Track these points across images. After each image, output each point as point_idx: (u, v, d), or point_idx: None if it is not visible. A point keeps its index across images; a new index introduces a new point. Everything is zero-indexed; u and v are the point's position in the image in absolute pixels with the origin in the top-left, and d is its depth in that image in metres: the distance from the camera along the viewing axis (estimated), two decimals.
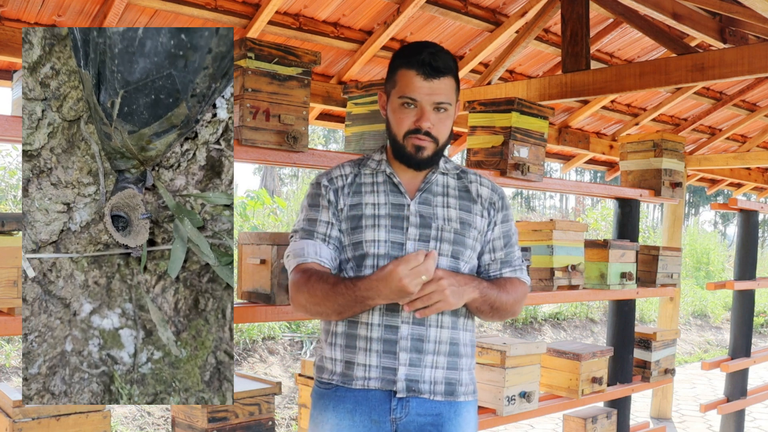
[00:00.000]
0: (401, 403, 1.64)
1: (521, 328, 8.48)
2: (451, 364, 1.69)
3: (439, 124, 1.65)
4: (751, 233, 4.58)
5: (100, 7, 3.01)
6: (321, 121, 4.41)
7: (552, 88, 3.54)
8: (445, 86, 1.63)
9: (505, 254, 1.78)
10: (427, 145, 1.65)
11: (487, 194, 1.77)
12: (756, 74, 3.01)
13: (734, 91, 5.62)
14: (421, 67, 1.61)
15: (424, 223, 1.67)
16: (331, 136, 31.25)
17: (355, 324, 1.66)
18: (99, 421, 1.86)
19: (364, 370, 1.65)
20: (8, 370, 4.92)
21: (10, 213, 1.72)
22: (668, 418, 5.91)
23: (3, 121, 1.71)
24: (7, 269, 1.70)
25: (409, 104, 1.64)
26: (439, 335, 1.67)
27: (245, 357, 5.98)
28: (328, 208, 1.69)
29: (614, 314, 3.64)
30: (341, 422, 1.66)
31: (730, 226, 37.39)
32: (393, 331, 1.64)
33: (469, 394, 1.73)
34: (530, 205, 37.01)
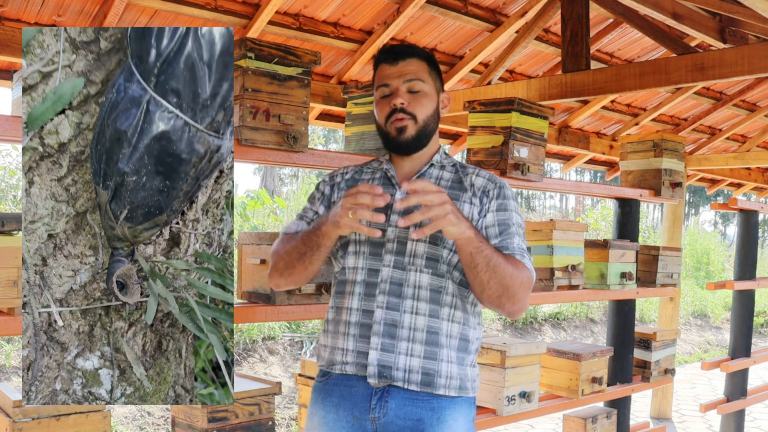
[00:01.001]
0: (380, 402, 1.62)
1: (521, 328, 8.48)
2: (428, 354, 1.63)
3: (414, 101, 1.70)
4: (751, 233, 4.59)
5: (100, 7, 3.01)
6: (321, 121, 4.42)
7: (552, 88, 3.54)
8: (414, 67, 1.72)
9: (501, 241, 1.67)
10: (406, 123, 1.69)
11: (481, 183, 1.74)
12: (756, 74, 3.01)
13: (734, 91, 5.62)
14: (387, 55, 1.74)
15: (407, 210, 1.66)
16: (331, 136, 31.25)
17: (340, 310, 1.70)
18: (99, 421, 1.86)
19: (342, 354, 1.67)
20: (8, 370, 4.92)
21: (10, 213, 1.72)
22: (668, 418, 5.91)
23: (3, 121, 1.71)
24: (7, 269, 1.70)
25: (385, 95, 1.72)
26: (414, 322, 1.63)
27: (245, 357, 5.98)
28: (321, 200, 1.81)
29: (614, 314, 3.64)
30: (327, 416, 1.68)
31: (730, 226, 37.38)
32: (368, 316, 1.65)
33: (451, 389, 1.64)
34: (530, 205, 37.01)
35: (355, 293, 1.68)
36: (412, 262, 1.66)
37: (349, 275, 1.70)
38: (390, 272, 1.66)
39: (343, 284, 1.72)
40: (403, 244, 1.66)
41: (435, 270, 1.66)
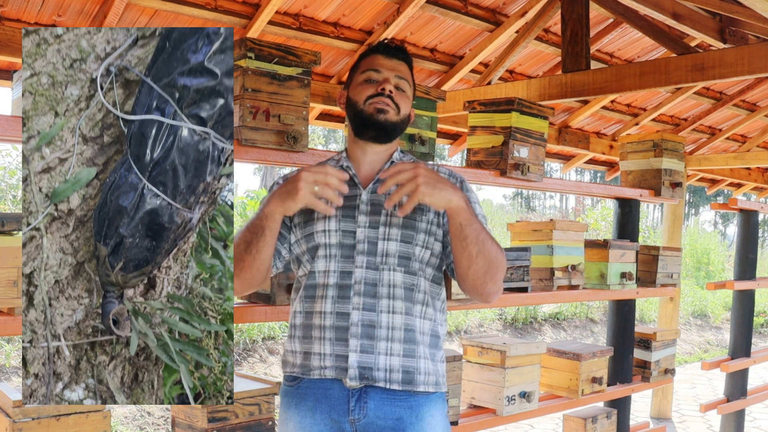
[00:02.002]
0: (358, 403, 1.62)
1: (521, 328, 8.48)
2: (407, 352, 1.64)
3: (399, 97, 1.72)
4: (751, 233, 4.59)
5: (100, 7, 3.01)
6: (321, 121, 4.42)
7: (552, 88, 3.54)
8: (405, 69, 1.75)
9: None
10: (388, 108, 1.70)
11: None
12: (756, 74, 3.01)
13: (734, 91, 5.62)
14: (384, 48, 1.75)
15: (374, 210, 1.67)
16: (331, 136, 31.26)
17: (310, 315, 1.67)
18: (99, 421, 1.86)
19: (319, 359, 1.65)
20: (8, 370, 4.92)
21: (10, 213, 1.72)
22: (668, 418, 5.91)
23: (3, 121, 1.71)
24: (7, 269, 1.70)
25: (371, 80, 1.72)
26: (392, 321, 1.63)
27: (245, 357, 5.98)
28: None
29: (614, 314, 3.64)
30: (303, 420, 1.66)
31: (730, 226, 37.40)
32: (344, 318, 1.63)
33: (429, 385, 1.67)
34: (530, 205, 37.02)
35: (327, 296, 1.65)
36: (385, 261, 1.65)
37: (319, 279, 1.68)
38: (363, 273, 1.65)
39: (313, 288, 1.68)
40: (374, 244, 1.66)
41: (407, 268, 1.67)
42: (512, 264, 2.85)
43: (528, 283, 2.93)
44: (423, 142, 2.55)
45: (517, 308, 8.54)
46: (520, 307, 8.56)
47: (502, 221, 14.44)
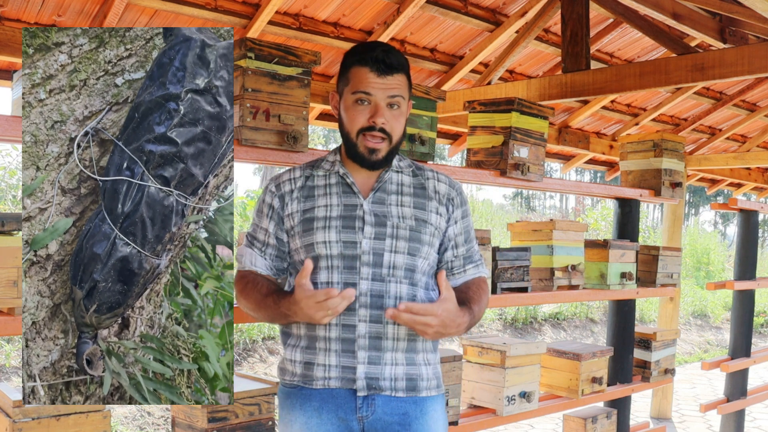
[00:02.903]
0: (366, 401, 1.64)
1: (521, 328, 8.48)
2: (409, 360, 1.68)
3: (393, 120, 1.66)
4: (751, 233, 4.58)
5: (100, 7, 3.00)
6: (321, 121, 4.41)
7: (552, 88, 3.54)
8: (398, 82, 1.65)
9: (467, 250, 1.79)
10: (380, 146, 1.66)
11: (445, 190, 1.77)
12: (756, 74, 3.01)
13: (734, 91, 5.62)
14: (375, 64, 1.63)
15: (379, 221, 1.67)
16: (331, 136, 31.25)
17: (313, 326, 1.66)
18: (99, 421, 1.86)
19: (324, 370, 1.66)
20: (8, 370, 4.92)
21: (10, 213, 1.72)
22: (668, 418, 5.91)
23: (3, 121, 1.71)
24: (7, 269, 1.70)
25: (362, 101, 1.65)
26: (397, 332, 1.65)
27: (245, 357, 5.98)
28: (270, 216, 1.75)
29: (614, 314, 3.64)
30: (309, 420, 1.66)
31: (730, 226, 37.39)
32: (351, 330, 1.64)
33: (432, 389, 1.72)
34: (530, 205, 37.01)
35: None
36: (392, 274, 1.66)
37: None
38: (369, 285, 1.64)
39: None
40: (380, 256, 1.65)
41: (411, 280, 1.68)
42: (512, 264, 2.86)
43: (528, 283, 2.93)
44: (423, 142, 2.55)
45: (517, 308, 8.54)
46: (520, 307, 8.56)
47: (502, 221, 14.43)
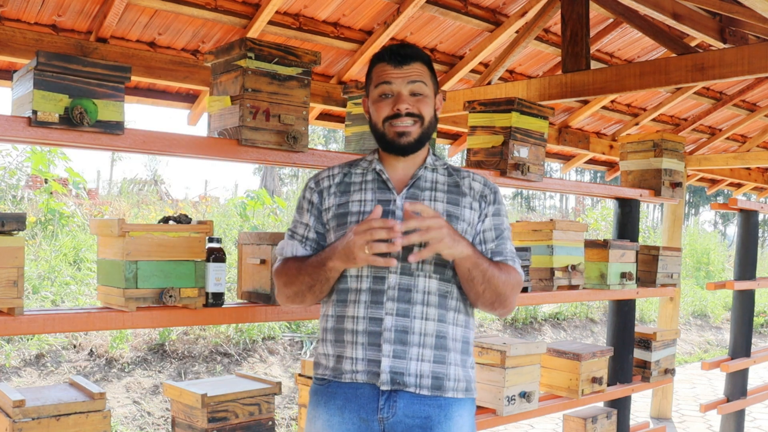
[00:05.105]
0: (388, 402, 1.64)
1: (521, 328, 8.48)
2: (438, 358, 1.67)
3: (419, 104, 1.71)
4: (751, 233, 4.58)
5: (100, 7, 3.00)
6: (321, 121, 4.41)
7: (552, 88, 3.54)
8: (417, 70, 1.71)
9: (497, 245, 1.77)
10: (411, 129, 1.70)
11: (479, 188, 1.78)
12: (756, 74, 3.01)
13: (734, 91, 5.62)
14: (391, 56, 1.71)
15: (411, 216, 1.68)
16: (331, 136, 31.25)
17: (342, 318, 1.69)
18: (99, 421, 1.86)
19: (351, 363, 1.67)
20: (8, 370, 4.92)
21: (10, 213, 1.73)
22: (668, 418, 5.91)
23: (3, 121, 1.71)
24: (7, 269, 1.70)
25: (386, 94, 1.71)
26: (425, 327, 1.65)
27: (245, 357, 5.98)
28: (310, 211, 1.79)
29: (614, 314, 3.64)
30: (332, 418, 1.68)
31: (730, 226, 37.39)
32: (377, 323, 1.65)
33: (459, 391, 1.69)
34: (530, 205, 37.00)
35: (360, 301, 1.67)
36: (421, 268, 1.67)
37: (351, 283, 1.69)
38: (397, 279, 1.66)
39: (345, 293, 1.70)
40: (409, 250, 1.65)
41: (442, 275, 1.68)
42: None
43: (528, 283, 2.93)
44: None
45: (517, 308, 8.54)
46: (520, 307, 8.56)
47: None
